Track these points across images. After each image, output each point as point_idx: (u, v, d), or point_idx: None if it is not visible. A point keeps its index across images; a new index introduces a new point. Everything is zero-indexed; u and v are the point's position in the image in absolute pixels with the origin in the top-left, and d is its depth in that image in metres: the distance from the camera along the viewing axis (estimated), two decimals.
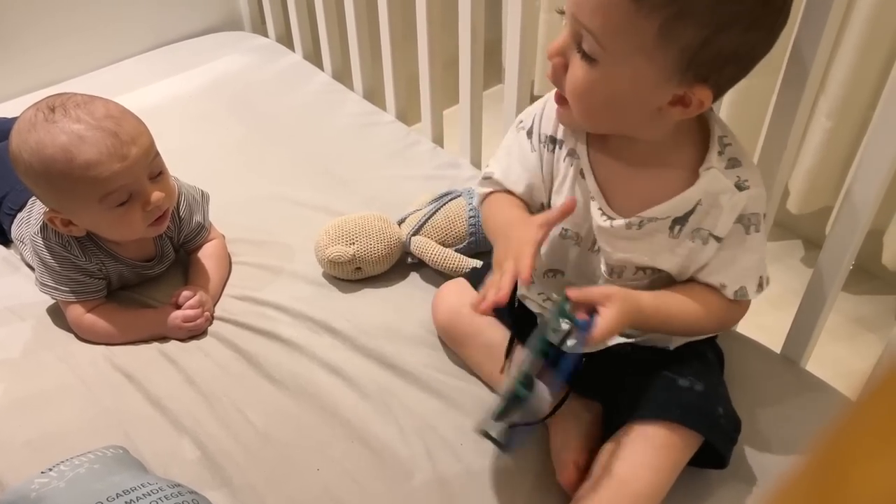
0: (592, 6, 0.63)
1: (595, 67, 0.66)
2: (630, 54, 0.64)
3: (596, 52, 0.65)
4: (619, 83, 0.66)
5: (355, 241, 1.02)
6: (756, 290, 0.76)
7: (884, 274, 1.41)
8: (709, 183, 0.72)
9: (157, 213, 0.92)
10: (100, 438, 0.84)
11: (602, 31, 0.63)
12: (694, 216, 0.73)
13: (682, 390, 0.77)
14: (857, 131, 1.27)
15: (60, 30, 1.45)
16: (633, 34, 0.62)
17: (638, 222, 0.75)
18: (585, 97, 0.69)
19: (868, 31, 1.17)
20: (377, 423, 0.86)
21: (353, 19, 1.40)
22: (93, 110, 0.86)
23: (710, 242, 0.74)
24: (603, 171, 0.76)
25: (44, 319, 1.01)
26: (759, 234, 0.74)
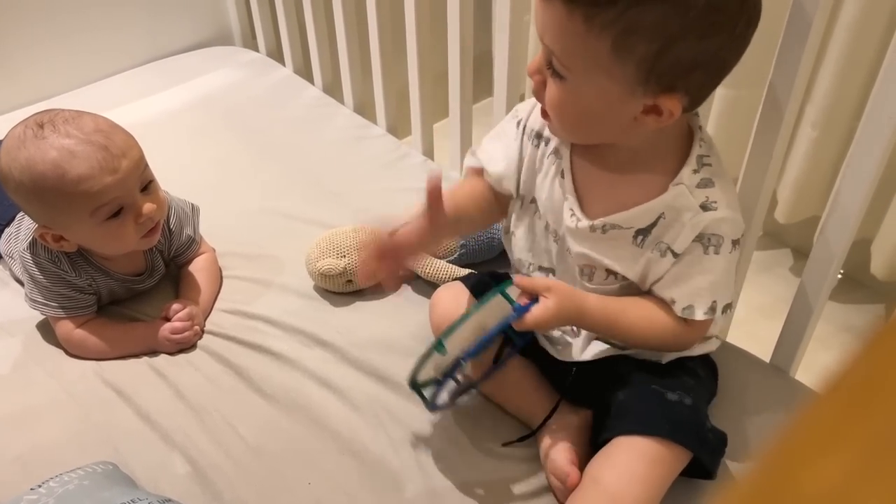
0: (552, 30, 0.67)
1: (565, 84, 0.69)
2: (591, 72, 0.66)
3: (562, 70, 0.68)
4: (588, 98, 0.69)
5: (346, 254, 1.02)
6: (706, 312, 0.75)
7: (872, 283, 1.42)
8: (673, 198, 0.73)
9: (150, 224, 0.92)
10: (89, 454, 0.84)
11: (562, 52, 0.67)
12: (656, 229, 0.74)
13: (672, 404, 0.77)
14: (842, 141, 1.28)
15: (51, 46, 1.46)
16: (589, 53, 0.65)
17: (601, 226, 0.76)
18: (560, 112, 0.72)
19: (851, 41, 1.19)
20: (368, 435, 0.86)
21: (344, 34, 1.40)
22: (82, 125, 0.87)
23: (667, 256, 0.74)
24: (582, 173, 0.78)
25: (33, 335, 1.01)
26: (718, 256, 0.73)
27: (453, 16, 1.17)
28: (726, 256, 0.74)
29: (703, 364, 0.85)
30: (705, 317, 0.75)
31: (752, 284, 1.02)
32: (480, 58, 1.31)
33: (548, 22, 0.66)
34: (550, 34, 0.67)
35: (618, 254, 0.77)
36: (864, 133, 0.77)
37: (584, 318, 0.76)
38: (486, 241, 1.06)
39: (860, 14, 1.16)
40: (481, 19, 1.46)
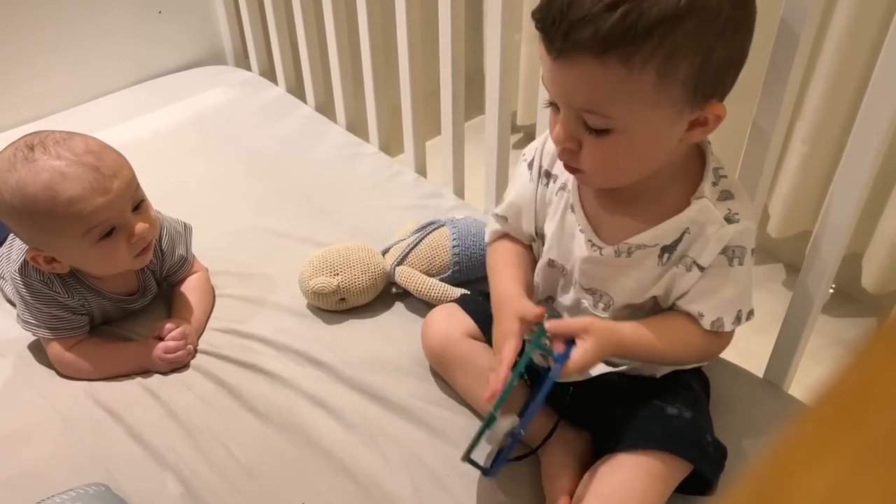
0: (584, 87, 0.65)
1: (610, 137, 0.67)
2: (637, 112, 0.65)
3: (605, 124, 0.66)
4: (638, 139, 0.67)
5: (339, 272, 1.02)
6: (733, 322, 0.76)
7: (864, 297, 1.43)
8: (698, 212, 0.73)
9: (142, 244, 0.91)
10: (81, 475, 0.83)
11: (603, 104, 0.65)
12: (682, 244, 0.74)
13: (671, 418, 0.77)
14: (832, 156, 1.29)
15: (43, 65, 1.46)
16: (634, 94, 0.64)
17: (626, 249, 0.76)
18: (612, 166, 0.70)
19: (839, 58, 1.20)
20: (363, 455, 0.86)
21: (336, 52, 1.41)
22: (72, 146, 0.86)
23: (693, 270, 0.74)
24: (592, 204, 0.78)
25: (25, 356, 1.00)
26: (742, 267, 0.74)
27: (445, 34, 1.17)
28: (748, 267, 0.75)
29: (695, 377, 0.85)
30: (733, 327, 0.76)
31: None
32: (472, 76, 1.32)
33: (573, 82, 0.65)
34: (584, 92, 0.65)
35: (638, 274, 0.77)
36: (854, 148, 0.78)
37: (622, 350, 0.75)
38: (480, 259, 1.06)
39: (848, 31, 1.18)
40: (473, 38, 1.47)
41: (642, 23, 0.60)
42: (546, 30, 0.64)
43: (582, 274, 0.80)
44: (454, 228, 1.07)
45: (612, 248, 0.76)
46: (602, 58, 0.61)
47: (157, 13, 1.56)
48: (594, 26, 0.60)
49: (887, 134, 0.75)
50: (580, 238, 0.78)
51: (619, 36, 0.60)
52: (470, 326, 0.91)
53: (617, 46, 0.61)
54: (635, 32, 0.60)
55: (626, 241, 0.75)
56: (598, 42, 0.61)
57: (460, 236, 1.06)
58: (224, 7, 1.63)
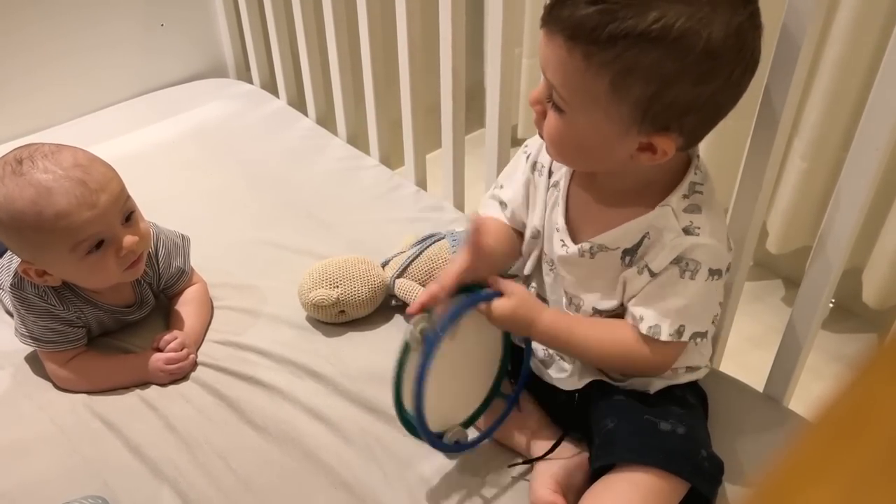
0: (553, 64, 0.68)
1: (563, 117, 0.70)
2: (588, 108, 0.68)
3: (561, 104, 0.69)
4: (584, 133, 0.70)
5: (339, 285, 1.02)
6: (671, 334, 0.74)
7: (864, 312, 1.43)
8: (656, 218, 0.74)
9: (132, 257, 0.91)
10: (79, 488, 0.83)
11: (562, 86, 0.68)
12: (642, 248, 0.75)
13: (665, 434, 0.77)
14: (831, 172, 1.29)
15: (44, 78, 1.46)
16: (587, 90, 0.66)
17: (588, 248, 0.77)
18: (558, 142, 0.73)
19: (838, 74, 1.21)
20: (360, 468, 0.85)
21: (337, 66, 1.42)
22: (60, 160, 0.86)
23: (643, 273, 0.75)
24: (577, 204, 0.80)
25: (22, 367, 1.00)
26: (693, 282, 0.73)
27: (445, 48, 1.18)
28: (702, 284, 0.74)
29: (692, 392, 0.85)
30: (669, 339, 0.74)
31: (744, 314, 1.03)
32: (472, 89, 1.32)
33: (550, 56, 0.68)
34: (552, 68, 0.68)
35: (606, 278, 0.78)
36: (853, 163, 0.78)
37: (534, 327, 0.77)
38: None
39: (847, 46, 1.18)
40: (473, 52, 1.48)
41: (610, 28, 0.62)
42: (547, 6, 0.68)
43: (561, 273, 0.81)
44: (454, 241, 1.07)
45: (577, 247, 0.78)
46: (570, 44, 0.65)
47: (159, 26, 1.57)
48: (570, 10, 0.64)
49: (887, 149, 0.75)
50: (555, 236, 0.81)
51: (586, 31, 0.63)
52: None
53: (583, 40, 0.64)
54: (600, 35, 0.63)
55: (589, 240, 0.77)
56: (568, 27, 0.64)
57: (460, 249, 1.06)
58: (226, 20, 1.64)
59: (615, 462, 0.75)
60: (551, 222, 0.82)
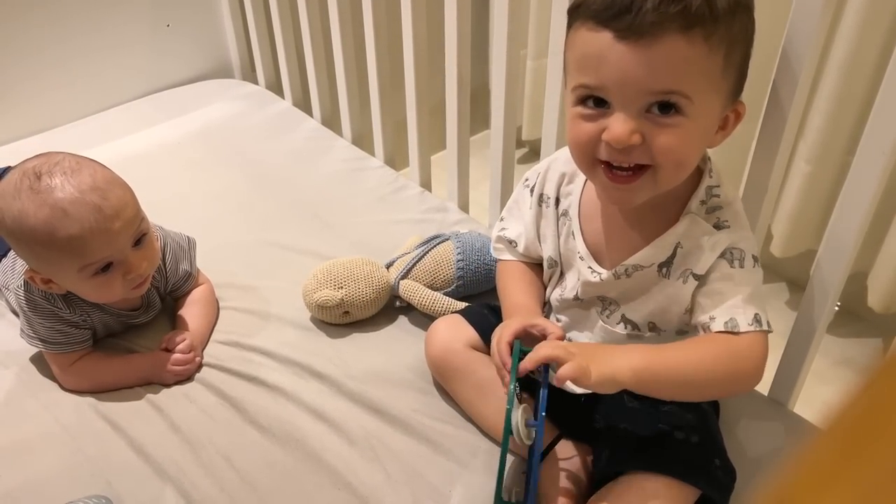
0: (671, 66, 0.63)
1: (684, 123, 0.65)
2: (708, 94, 0.66)
3: (685, 105, 0.65)
4: (701, 127, 0.67)
5: (343, 286, 1.02)
6: (750, 323, 0.71)
7: (869, 316, 1.42)
8: (687, 227, 0.73)
9: (138, 280, 0.91)
10: (82, 488, 0.83)
11: (684, 82, 0.64)
12: (677, 258, 0.74)
13: (679, 443, 0.77)
14: (836, 175, 1.29)
15: (51, 77, 1.47)
16: (709, 74, 0.65)
17: (623, 271, 0.76)
18: (684, 154, 0.68)
19: (843, 77, 1.20)
20: (364, 469, 0.85)
21: (342, 67, 1.42)
22: (80, 181, 0.85)
23: (689, 281, 0.74)
24: (595, 229, 0.79)
25: (27, 367, 1.00)
26: (743, 270, 0.73)
27: (450, 49, 1.18)
28: (751, 269, 0.73)
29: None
30: (751, 328, 0.71)
31: None
32: (477, 91, 1.32)
33: (656, 60, 0.63)
34: (664, 72, 0.63)
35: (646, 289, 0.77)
36: (858, 167, 0.78)
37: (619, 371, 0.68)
38: (485, 273, 1.06)
39: (852, 50, 1.18)
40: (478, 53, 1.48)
41: (721, 3, 0.62)
42: (619, 13, 0.62)
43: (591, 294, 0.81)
44: (458, 243, 1.07)
45: (611, 272, 0.77)
46: (688, 33, 0.62)
47: (165, 27, 1.57)
48: (683, 2, 0.61)
49: (892, 153, 0.75)
50: (581, 264, 0.80)
51: (706, 11, 0.62)
52: (473, 337, 0.91)
53: (702, 23, 0.62)
54: (716, 11, 0.62)
55: (623, 262, 0.76)
56: (687, 16, 0.62)
57: (464, 251, 1.06)
58: (231, 21, 1.64)
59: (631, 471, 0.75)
60: (570, 251, 0.81)
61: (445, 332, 0.92)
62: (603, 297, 0.81)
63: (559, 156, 0.84)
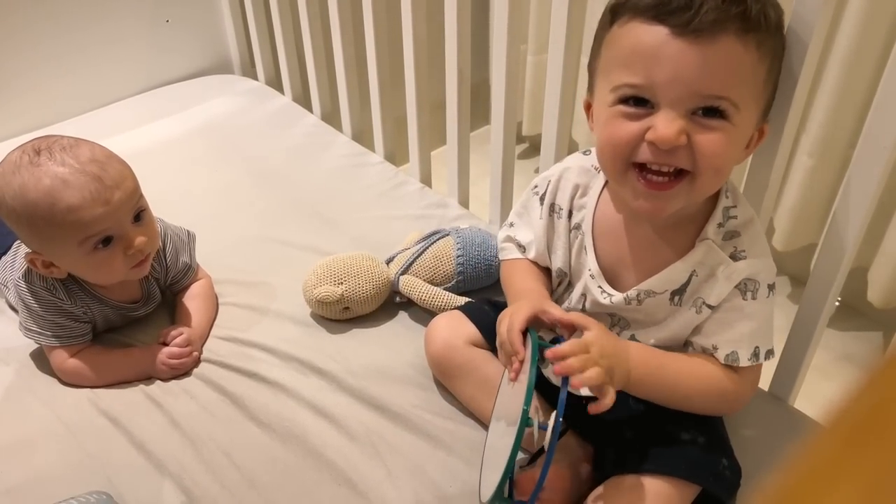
0: (724, 68, 0.62)
1: (726, 128, 0.64)
2: (751, 103, 0.65)
3: (732, 111, 0.64)
4: (743, 135, 0.67)
5: (343, 281, 1.01)
6: (749, 358, 0.73)
7: (870, 311, 1.42)
8: (703, 255, 0.72)
9: (139, 256, 0.91)
10: (83, 484, 0.83)
11: (736, 86, 0.63)
12: (690, 286, 0.73)
13: (685, 444, 0.77)
14: (838, 169, 1.29)
15: (51, 74, 1.47)
16: (756, 81, 0.65)
17: (636, 296, 0.75)
18: (725, 160, 0.67)
19: (845, 71, 1.20)
20: (365, 465, 0.85)
21: (342, 62, 1.42)
22: (78, 154, 0.87)
23: (702, 311, 0.73)
24: (610, 247, 0.77)
25: (27, 363, 1.00)
26: (755, 302, 0.72)
27: (451, 45, 1.18)
28: (763, 301, 0.72)
29: None
30: (749, 363, 0.72)
31: None
32: (478, 86, 1.32)
33: (711, 61, 0.61)
34: (720, 74, 0.62)
35: (656, 317, 0.76)
36: (860, 162, 0.77)
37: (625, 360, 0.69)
38: (485, 269, 1.06)
39: (854, 45, 1.18)
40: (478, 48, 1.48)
41: (772, 16, 0.64)
42: (678, 8, 0.61)
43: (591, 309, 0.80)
44: (459, 238, 1.07)
45: (622, 295, 0.75)
46: (744, 37, 0.62)
47: (164, 22, 1.57)
48: (744, 5, 0.62)
49: (893, 148, 0.75)
50: (591, 282, 0.79)
51: (761, 21, 0.63)
52: (473, 334, 0.90)
53: (757, 29, 0.62)
54: (769, 21, 0.63)
55: (635, 288, 0.75)
56: (746, 19, 0.61)
57: (465, 246, 1.06)
58: (231, 16, 1.64)
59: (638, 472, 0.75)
60: (580, 266, 0.80)
61: (445, 329, 0.92)
62: (612, 314, 0.80)
63: (571, 165, 0.82)
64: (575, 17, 1.01)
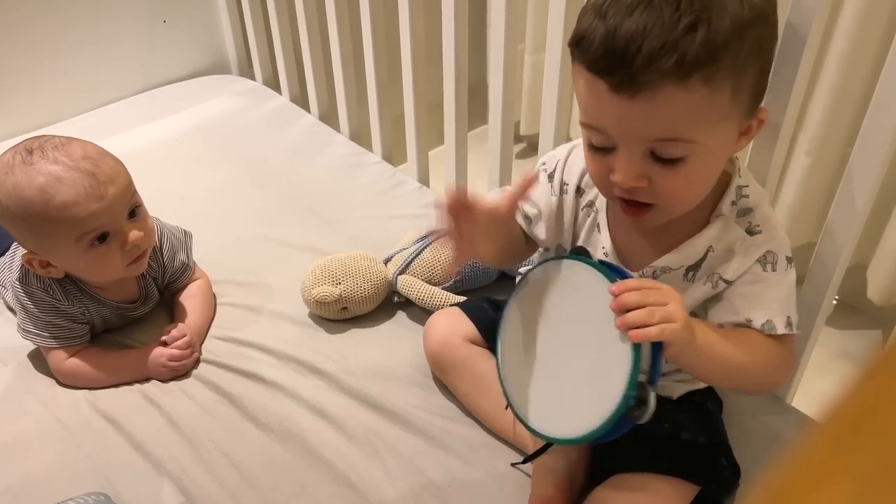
0: (670, 117, 0.61)
1: (686, 162, 0.64)
2: (716, 128, 0.63)
3: (686, 149, 0.63)
4: (713, 156, 0.66)
5: (342, 281, 1.01)
6: (785, 326, 0.71)
7: (869, 309, 1.42)
8: (720, 230, 0.72)
9: (136, 252, 0.91)
10: (81, 484, 0.83)
11: (688, 129, 0.62)
12: (706, 262, 0.73)
13: (685, 444, 0.77)
14: (836, 168, 1.29)
15: (48, 74, 1.46)
16: (713, 112, 0.62)
17: (651, 273, 0.74)
18: (692, 192, 0.67)
19: (843, 69, 1.20)
20: (363, 465, 0.85)
21: (340, 62, 1.42)
22: (70, 151, 0.87)
23: (719, 286, 0.73)
24: (619, 227, 0.76)
25: (25, 364, 1.00)
26: (776, 273, 0.72)
27: (448, 45, 1.18)
28: (784, 272, 0.72)
29: (710, 397, 0.84)
30: (786, 330, 0.71)
31: None
32: (475, 86, 1.32)
33: (653, 113, 0.61)
34: (663, 122, 0.62)
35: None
36: (857, 160, 0.78)
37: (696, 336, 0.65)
38: (482, 269, 1.05)
39: (852, 43, 1.18)
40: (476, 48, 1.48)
41: (720, 38, 0.58)
42: (613, 69, 0.60)
43: None
44: None
45: (636, 273, 0.74)
46: (686, 83, 0.59)
47: (161, 22, 1.57)
48: (678, 52, 0.58)
49: (891, 145, 0.75)
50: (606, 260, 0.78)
51: (704, 56, 0.58)
52: (471, 331, 0.90)
53: (701, 67, 0.59)
54: (716, 49, 0.59)
55: (650, 265, 0.74)
56: (683, 67, 0.58)
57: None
58: (228, 16, 1.63)
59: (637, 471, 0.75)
60: (592, 244, 0.78)
61: (443, 325, 0.92)
62: None
63: (579, 143, 0.79)
64: (572, 16, 1.01)
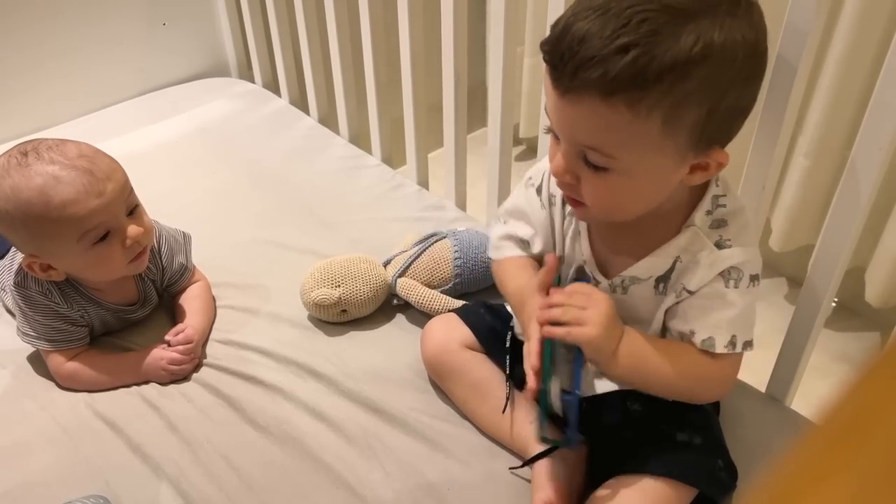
0: (587, 126, 0.63)
1: (608, 175, 0.65)
2: (641, 154, 0.64)
3: (605, 162, 0.64)
4: (639, 180, 0.66)
5: (341, 284, 1.01)
6: (725, 346, 0.72)
7: (867, 311, 1.42)
8: (688, 241, 0.72)
9: (137, 249, 0.91)
10: (80, 487, 0.83)
11: (604, 144, 0.63)
12: (675, 273, 0.73)
13: (681, 446, 0.77)
14: (835, 170, 1.29)
15: (47, 77, 1.47)
16: (638, 138, 0.62)
17: (620, 283, 0.75)
18: (611, 203, 0.69)
19: (842, 72, 1.20)
20: (362, 468, 0.85)
21: (339, 65, 1.42)
22: (65, 151, 0.87)
23: (682, 295, 0.73)
24: (601, 234, 0.77)
25: (24, 367, 1.00)
26: (737, 290, 0.72)
27: (447, 47, 1.18)
28: (745, 291, 0.72)
29: None
30: (725, 350, 0.72)
31: None
32: (475, 89, 1.32)
33: (579, 119, 0.63)
34: (585, 130, 0.63)
35: (642, 308, 0.75)
36: (856, 162, 0.78)
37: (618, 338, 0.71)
38: (482, 271, 1.06)
39: (850, 45, 1.18)
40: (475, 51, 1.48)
41: (653, 68, 0.58)
42: (554, 64, 0.62)
43: None
44: (456, 241, 1.07)
45: (608, 281, 0.76)
46: (609, 100, 0.60)
47: (161, 25, 1.57)
48: (603, 68, 0.58)
49: (890, 148, 0.75)
50: (586, 268, 0.78)
51: (628, 80, 0.58)
52: (468, 337, 0.91)
53: (625, 90, 0.59)
54: (645, 77, 0.58)
55: (620, 274, 0.75)
56: (605, 84, 0.59)
57: (462, 249, 1.06)
58: (228, 19, 1.64)
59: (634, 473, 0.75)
60: (574, 253, 0.79)
61: (440, 332, 0.92)
62: None
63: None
64: None
